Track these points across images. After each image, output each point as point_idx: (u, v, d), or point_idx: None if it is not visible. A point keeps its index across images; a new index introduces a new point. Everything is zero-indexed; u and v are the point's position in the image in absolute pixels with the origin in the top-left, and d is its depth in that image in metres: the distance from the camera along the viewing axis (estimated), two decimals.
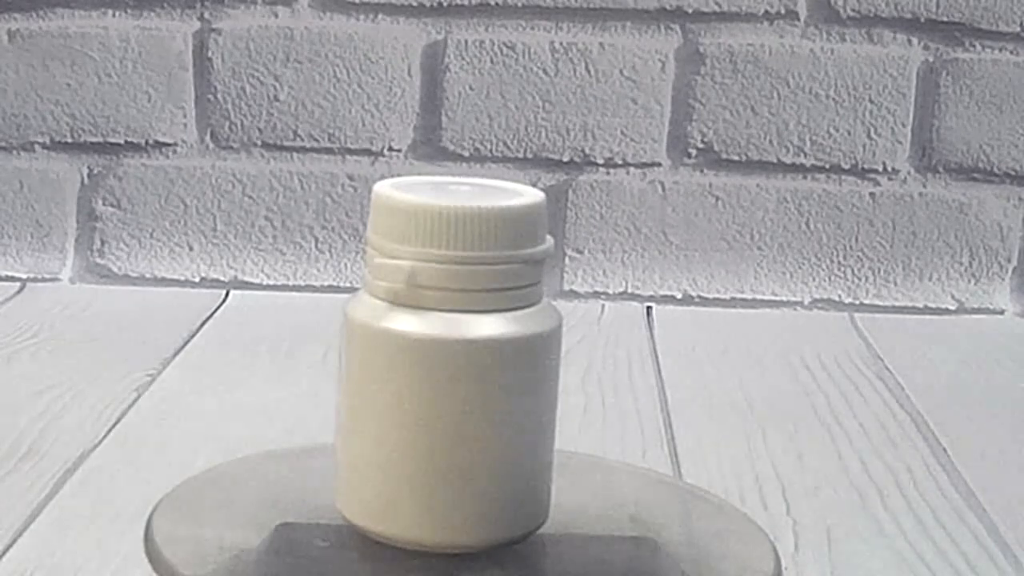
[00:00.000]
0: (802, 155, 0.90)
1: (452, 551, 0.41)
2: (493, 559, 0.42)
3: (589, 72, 0.90)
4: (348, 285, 0.92)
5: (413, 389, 0.40)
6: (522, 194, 0.42)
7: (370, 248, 0.41)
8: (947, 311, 0.91)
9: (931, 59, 0.89)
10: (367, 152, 0.91)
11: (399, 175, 0.95)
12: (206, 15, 0.90)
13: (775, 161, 0.90)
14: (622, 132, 0.90)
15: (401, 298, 0.40)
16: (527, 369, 0.41)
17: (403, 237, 0.40)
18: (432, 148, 0.91)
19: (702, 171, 0.91)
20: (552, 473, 0.43)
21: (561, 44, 0.90)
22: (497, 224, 0.40)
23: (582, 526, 0.44)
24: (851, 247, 0.91)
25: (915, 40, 0.89)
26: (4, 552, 0.51)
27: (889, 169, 0.90)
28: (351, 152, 0.91)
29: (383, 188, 0.41)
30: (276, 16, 0.90)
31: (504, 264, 0.40)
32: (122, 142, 0.91)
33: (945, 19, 0.89)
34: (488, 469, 0.41)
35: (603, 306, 0.90)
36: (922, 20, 0.89)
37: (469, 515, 0.41)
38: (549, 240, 0.42)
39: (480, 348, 0.40)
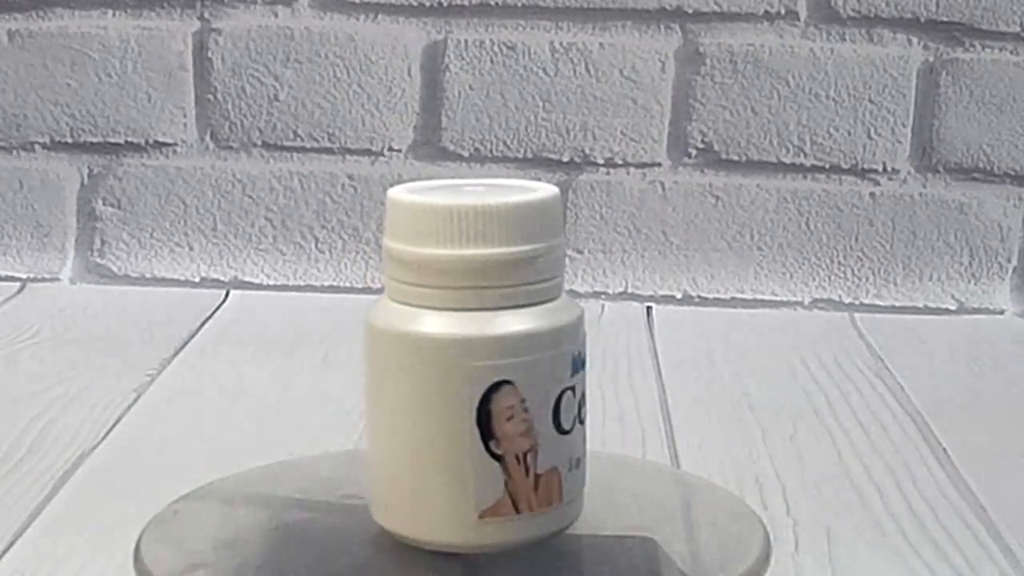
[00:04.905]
0: (802, 155, 0.90)
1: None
2: (498, 558, 0.42)
3: (589, 72, 0.90)
4: (348, 285, 0.92)
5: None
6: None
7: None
8: (947, 311, 0.91)
9: (931, 59, 0.89)
10: (367, 152, 0.91)
11: (399, 175, 0.96)
12: (206, 15, 0.90)
13: (775, 161, 0.90)
14: (622, 132, 0.90)
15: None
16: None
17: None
18: (432, 148, 0.91)
19: (702, 171, 0.91)
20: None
21: (561, 44, 0.90)
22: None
23: (584, 525, 0.44)
24: (851, 247, 0.91)
25: (915, 40, 0.89)
26: (4, 552, 0.51)
27: (889, 169, 0.90)
28: (351, 152, 0.91)
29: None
30: (276, 16, 0.90)
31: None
32: (122, 142, 0.91)
33: (945, 19, 0.89)
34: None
35: (603, 306, 0.90)
36: (922, 20, 0.89)
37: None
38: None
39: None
